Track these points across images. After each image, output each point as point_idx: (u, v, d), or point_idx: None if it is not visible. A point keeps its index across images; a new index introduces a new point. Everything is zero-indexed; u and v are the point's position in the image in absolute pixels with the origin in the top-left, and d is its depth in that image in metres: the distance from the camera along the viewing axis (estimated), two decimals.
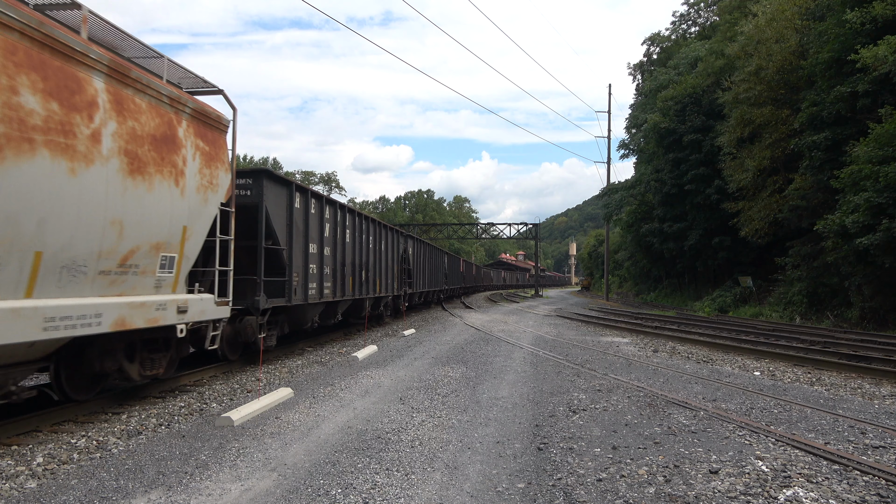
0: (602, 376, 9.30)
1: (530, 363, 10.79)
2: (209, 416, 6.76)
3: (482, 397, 7.70)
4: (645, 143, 41.52)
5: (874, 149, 16.76)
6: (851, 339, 14.40)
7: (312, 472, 4.76)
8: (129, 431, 6.10)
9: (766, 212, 25.18)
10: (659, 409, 6.99)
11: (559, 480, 4.58)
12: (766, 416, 6.69)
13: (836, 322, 19.69)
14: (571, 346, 13.67)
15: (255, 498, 4.23)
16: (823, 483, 4.50)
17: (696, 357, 12.02)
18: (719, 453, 5.24)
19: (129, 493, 4.36)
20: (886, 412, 7.09)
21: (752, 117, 25.43)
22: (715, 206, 31.11)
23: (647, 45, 53.53)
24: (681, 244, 35.00)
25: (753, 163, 25.17)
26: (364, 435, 5.86)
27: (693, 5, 48.91)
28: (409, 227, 64.96)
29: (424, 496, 4.26)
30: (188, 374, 8.89)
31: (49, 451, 5.35)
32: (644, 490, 4.36)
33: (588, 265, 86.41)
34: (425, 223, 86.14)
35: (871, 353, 11.92)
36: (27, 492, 4.41)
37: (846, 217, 17.08)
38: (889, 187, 15.97)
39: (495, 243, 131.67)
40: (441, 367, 10.22)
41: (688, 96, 34.19)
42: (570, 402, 7.41)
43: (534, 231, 62.12)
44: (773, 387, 8.70)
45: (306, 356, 11.82)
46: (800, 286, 23.14)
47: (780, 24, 24.44)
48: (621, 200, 43.77)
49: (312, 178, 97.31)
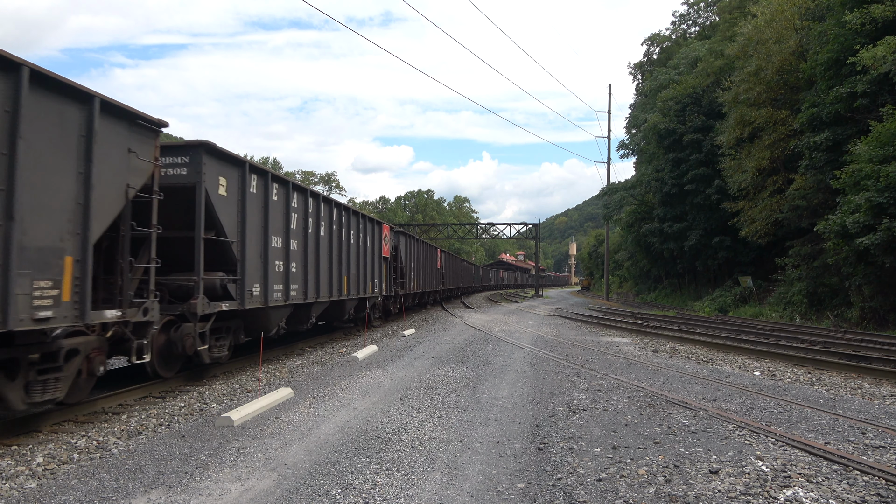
0: (602, 376, 9.30)
1: (530, 363, 10.78)
2: (209, 416, 6.76)
3: (482, 397, 7.70)
4: (645, 143, 41.54)
5: (875, 148, 16.76)
6: (851, 339, 14.40)
7: (312, 472, 4.75)
8: (129, 431, 6.10)
9: (766, 212, 25.19)
10: (659, 409, 6.99)
11: (559, 480, 4.58)
12: (766, 416, 6.69)
13: (836, 322, 19.68)
14: (571, 345, 13.66)
15: (255, 498, 4.23)
16: (823, 483, 4.50)
17: (696, 357, 12.02)
18: (719, 453, 5.23)
19: (129, 493, 4.36)
20: (886, 412, 7.09)
21: (751, 118, 25.45)
22: (715, 206, 31.12)
23: (647, 45, 53.65)
24: (681, 244, 35.01)
25: (752, 163, 25.18)
26: (364, 435, 5.86)
27: (693, 5, 48.95)
28: (408, 226, 65.03)
29: (424, 496, 4.25)
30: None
31: (49, 451, 5.35)
32: (644, 490, 4.36)
33: (588, 265, 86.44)
34: (425, 223, 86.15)
35: (871, 353, 11.92)
36: (27, 492, 4.41)
37: (847, 217, 17.08)
38: (889, 187, 15.96)
39: (495, 243, 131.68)
40: (441, 366, 10.22)
41: (688, 96, 34.21)
42: (570, 402, 7.41)
43: (534, 231, 62.14)
44: (773, 387, 8.70)
45: (306, 356, 11.81)
46: (800, 286, 23.14)
47: (779, 25, 24.45)
48: (621, 200, 43.79)
49: (312, 178, 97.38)
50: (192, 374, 8.92)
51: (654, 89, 40.41)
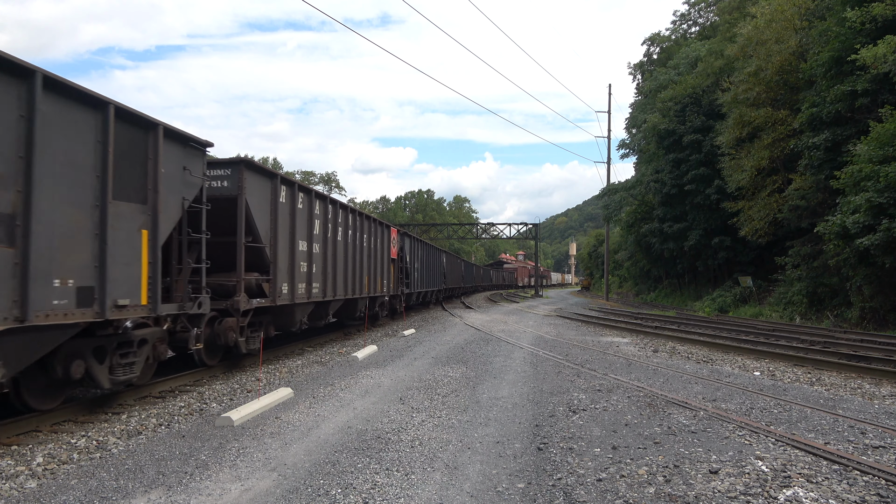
0: (602, 376, 9.30)
1: (530, 363, 10.78)
2: (209, 416, 6.76)
3: (482, 397, 7.70)
4: (645, 143, 41.53)
5: (875, 148, 16.76)
6: (851, 339, 14.40)
7: (312, 472, 4.75)
8: (129, 431, 6.10)
9: (765, 211, 25.19)
10: (659, 409, 6.99)
11: (559, 480, 4.58)
12: (765, 416, 6.69)
13: (836, 322, 19.68)
14: (571, 346, 13.66)
15: (255, 498, 4.23)
16: (823, 483, 4.50)
17: (696, 357, 12.02)
18: (719, 453, 5.23)
19: (129, 493, 4.36)
20: (886, 412, 7.09)
21: (750, 118, 25.45)
22: (715, 206, 31.12)
23: (647, 45, 53.61)
24: (681, 244, 35.00)
25: (751, 163, 25.18)
26: (364, 435, 5.86)
27: (693, 5, 48.95)
28: (409, 226, 65.01)
29: (424, 496, 4.25)
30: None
31: (49, 451, 5.35)
32: (644, 490, 4.36)
33: (588, 265, 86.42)
34: (425, 223, 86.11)
35: (871, 353, 11.92)
36: (27, 492, 4.41)
37: (847, 218, 17.08)
38: (889, 187, 15.96)
39: (495, 243, 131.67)
40: (441, 367, 10.21)
41: (688, 96, 34.20)
42: (570, 402, 7.41)
43: (534, 231, 62.12)
44: (773, 387, 8.70)
45: (306, 356, 11.81)
46: (800, 286, 23.13)
47: (779, 25, 24.45)
48: (621, 201, 43.78)
49: (312, 178, 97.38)
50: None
51: (654, 89, 40.39)
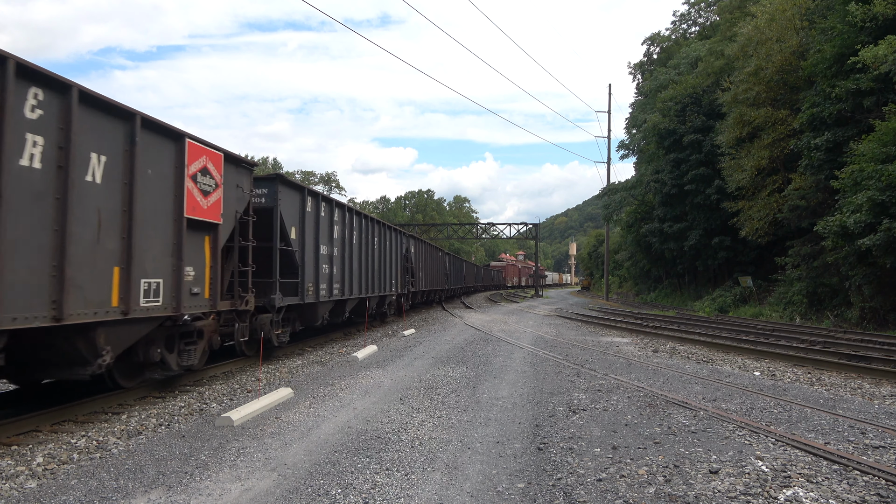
0: (602, 376, 9.30)
1: (530, 363, 10.78)
2: (209, 416, 6.76)
3: (482, 397, 7.70)
4: (645, 143, 41.53)
5: (877, 146, 16.77)
6: (851, 339, 14.40)
7: (312, 472, 4.75)
8: (129, 431, 6.10)
9: (765, 211, 25.18)
10: (659, 409, 6.99)
11: (559, 480, 4.58)
12: (766, 416, 6.69)
13: (836, 322, 19.68)
14: (571, 346, 13.66)
15: (255, 498, 4.23)
16: (823, 483, 4.50)
17: (696, 357, 12.02)
18: (719, 453, 5.23)
19: (129, 493, 4.36)
20: (886, 412, 7.09)
21: (750, 118, 25.44)
22: (715, 206, 31.12)
23: (647, 45, 53.64)
24: (681, 244, 35.00)
25: (751, 162, 25.17)
26: (364, 435, 5.86)
27: (693, 5, 48.93)
28: (409, 226, 64.96)
29: (424, 496, 4.25)
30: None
31: (49, 451, 5.35)
32: (644, 490, 4.36)
33: (588, 265, 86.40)
34: (425, 223, 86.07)
35: (871, 353, 11.92)
36: (27, 492, 4.41)
37: (848, 217, 17.07)
38: (891, 186, 15.96)
39: (495, 243, 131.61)
40: (441, 367, 10.21)
41: (688, 96, 34.21)
42: (570, 402, 7.41)
43: (534, 231, 62.10)
44: (773, 387, 8.70)
45: (306, 356, 11.81)
46: (800, 286, 23.13)
47: (779, 25, 24.43)
48: (621, 201, 43.78)
49: (312, 179, 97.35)
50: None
51: (654, 89, 40.39)
